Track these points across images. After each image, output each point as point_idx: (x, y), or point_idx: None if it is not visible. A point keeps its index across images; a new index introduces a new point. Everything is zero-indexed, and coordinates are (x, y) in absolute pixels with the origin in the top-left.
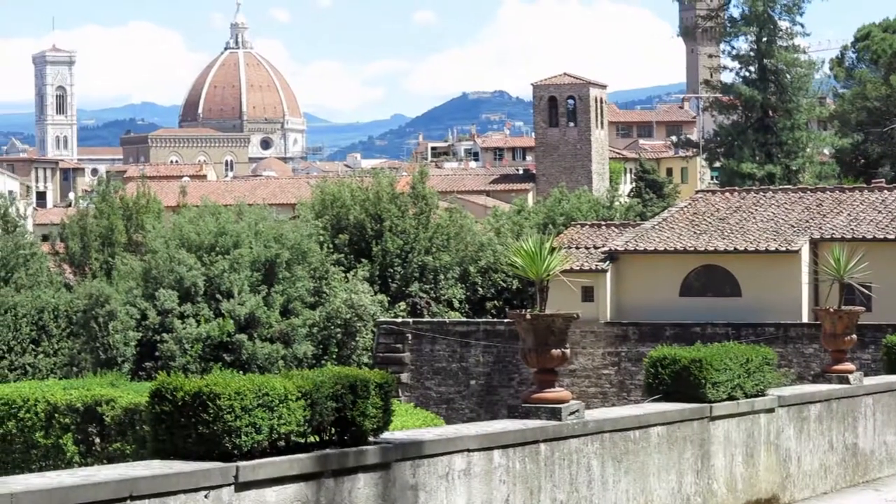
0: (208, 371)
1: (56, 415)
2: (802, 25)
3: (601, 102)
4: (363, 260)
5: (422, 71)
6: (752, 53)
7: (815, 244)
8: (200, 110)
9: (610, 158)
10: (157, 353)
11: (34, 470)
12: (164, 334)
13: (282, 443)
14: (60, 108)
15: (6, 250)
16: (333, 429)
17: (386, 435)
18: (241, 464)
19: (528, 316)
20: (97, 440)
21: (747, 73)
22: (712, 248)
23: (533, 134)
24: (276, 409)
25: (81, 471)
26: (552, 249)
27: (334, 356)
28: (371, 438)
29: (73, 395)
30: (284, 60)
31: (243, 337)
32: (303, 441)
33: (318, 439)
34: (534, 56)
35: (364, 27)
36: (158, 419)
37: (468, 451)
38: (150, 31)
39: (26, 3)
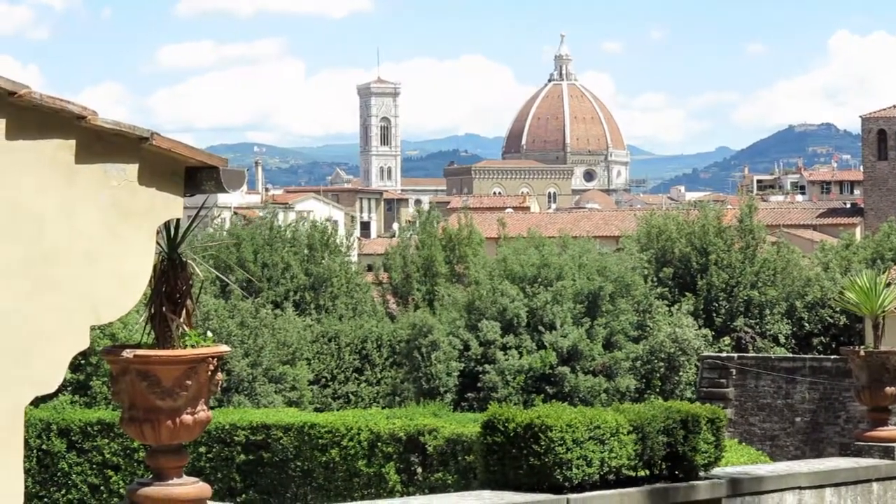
0: (530, 403)
1: (379, 443)
2: None
3: None
4: (687, 294)
5: (749, 103)
6: None
7: None
8: (524, 142)
9: None
10: (479, 385)
11: (356, 498)
12: (487, 365)
13: (612, 476)
14: (385, 139)
15: (332, 279)
16: (664, 463)
17: (716, 470)
18: (572, 496)
19: (862, 353)
20: (419, 469)
21: None
22: None
23: (861, 167)
24: (607, 442)
25: (413, 500)
26: (887, 285)
27: (657, 390)
28: (702, 474)
29: (395, 424)
30: (611, 92)
31: (566, 369)
32: (633, 475)
33: (648, 473)
34: (863, 88)
35: (695, 59)
36: (490, 450)
37: (800, 488)
38: (481, 63)
39: (355, 37)
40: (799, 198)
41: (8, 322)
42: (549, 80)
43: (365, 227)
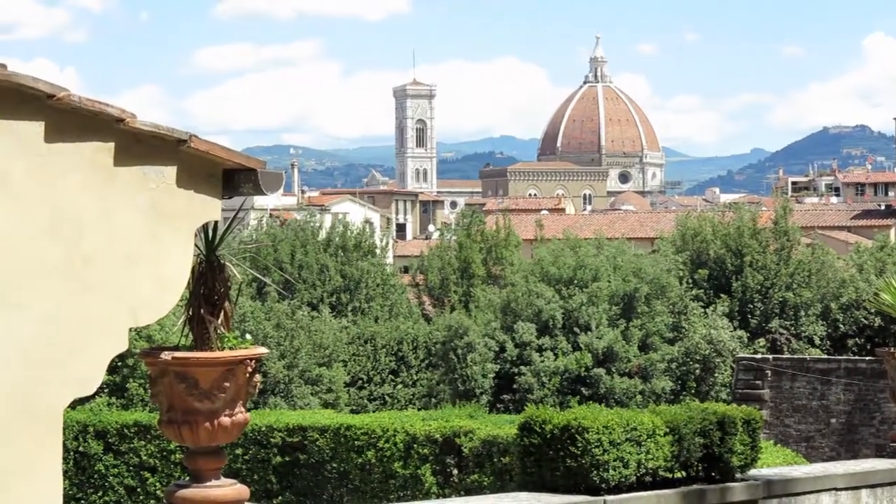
0: (566, 405)
1: (415, 445)
2: None
3: None
4: (722, 295)
5: (783, 105)
6: None
7: None
8: (559, 144)
9: None
10: (514, 386)
11: (392, 500)
12: (522, 367)
13: (648, 478)
14: (420, 140)
15: (366, 280)
16: (700, 465)
17: (752, 472)
18: (609, 498)
19: None
20: (455, 471)
21: None
22: None
23: (895, 169)
24: (643, 443)
25: (450, 502)
26: None
27: (692, 392)
28: (738, 475)
29: (431, 426)
30: (646, 94)
31: (601, 371)
32: (669, 476)
33: (684, 475)
34: None
35: (729, 61)
36: (527, 451)
37: (836, 489)
38: (516, 65)
39: (391, 39)
40: (833, 199)
41: (48, 324)
42: (585, 82)
43: (400, 228)
